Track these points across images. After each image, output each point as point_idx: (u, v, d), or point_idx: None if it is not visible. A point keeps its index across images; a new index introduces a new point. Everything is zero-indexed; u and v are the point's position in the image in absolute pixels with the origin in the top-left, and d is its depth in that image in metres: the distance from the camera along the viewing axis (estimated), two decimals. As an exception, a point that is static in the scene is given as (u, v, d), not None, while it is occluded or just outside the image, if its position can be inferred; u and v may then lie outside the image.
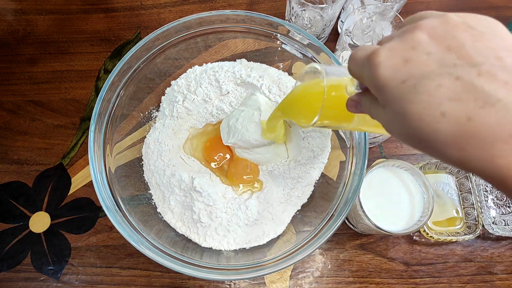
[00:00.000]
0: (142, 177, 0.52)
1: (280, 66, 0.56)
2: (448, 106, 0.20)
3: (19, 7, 0.67)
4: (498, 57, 0.20)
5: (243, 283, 0.51)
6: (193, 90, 0.52)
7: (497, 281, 0.51)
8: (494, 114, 0.19)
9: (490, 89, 0.19)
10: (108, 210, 0.42)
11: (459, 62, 0.21)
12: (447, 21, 0.22)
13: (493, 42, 0.21)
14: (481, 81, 0.20)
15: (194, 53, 0.55)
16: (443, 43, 0.21)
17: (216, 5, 0.66)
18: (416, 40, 0.22)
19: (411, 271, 0.51)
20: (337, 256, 0.52)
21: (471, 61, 0.20)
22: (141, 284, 0.51)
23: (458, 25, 0.22)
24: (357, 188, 0.43)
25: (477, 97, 0.19)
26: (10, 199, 0.55)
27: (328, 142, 0.51)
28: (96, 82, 0.62)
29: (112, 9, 0.66)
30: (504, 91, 0.19)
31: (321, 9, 0.53)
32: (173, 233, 0.49)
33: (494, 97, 0.19)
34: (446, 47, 0.21)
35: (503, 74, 0.20)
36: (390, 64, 0.22)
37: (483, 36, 0.21)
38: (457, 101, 0.20)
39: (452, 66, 0.21)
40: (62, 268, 0.52)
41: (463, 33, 0.21)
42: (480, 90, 0.19)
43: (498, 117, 0.19)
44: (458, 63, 0.21)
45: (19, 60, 0.63)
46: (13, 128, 0.59)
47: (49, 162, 0.57)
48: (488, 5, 0.66)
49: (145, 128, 0.54)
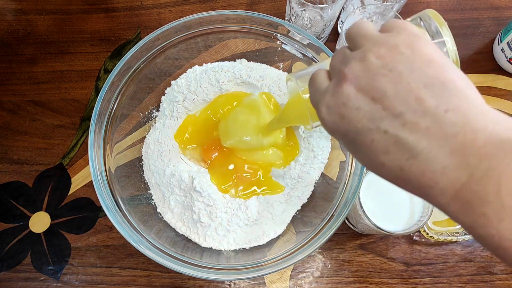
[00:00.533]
0: (142, 177, 0.52)
1: (280, 66, 0.56)
2: (383, 158, 0.22)
3: (19, 7, 0.67)
4: (418, 99, 0.21)
5: (243, 283, 0.51)
6: (193, 90, 0.52)
7: (497, 281, 0.51)
8: (417, 165, 0.21)
9: (413, 140, 0.21)
10: (108, 210, 0.42)
11: (385, 114, 0.22)
12: (368, 68, 0.23)
13: (412, 81, 0.21)
14: (405, 132, 0.21)
15: (194, 53, 0.55)
16: (368, 94, 0.22)
17: (216, 5, 0.66)
18: (345, 95, 0.23)
19: (411, 271, 0.51)
20: (337, 256, 0.52)
21: (394, 112, 0.22)
22: (141, 284, 0.51)
23: (378, 72, 0.22)
24: (357, 188, 0.43)
25: (403, 150, 0.21)
26: (10, 199, 0.55)
27: (328, 142, 0.51)
28: (96, 82, 0.62)
29: (112, 9, 0.66)
30: (426, 141, 0.21)
31: (321, 9, 0.53)
32: (173, 233, 0.49)
33: (416, 149, 0.21)
34: (371, 98, 0.22)
35: (424, 120, 0.21)
36: (330, 120, 0.24)
37: (402, 76, 0.22)
38: (389, 154, 0.22)
39: (379, 119, 0.22)
40: (62, 268, 0.52)
41: (384, 79, 0.22)
42: (405, 142, 0.21)
43: (421, 168, 0.21)
44: (383, 116, 0.22)
45: (19, 60, 0.63)
46: (13, 128, 0.59)
47: (49, 162, 0.57)
48: (488, 5, 0.66)
49: (145, 128, 0.54)
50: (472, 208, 0.20)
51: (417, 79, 0.21)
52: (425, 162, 0.21)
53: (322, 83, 0.26)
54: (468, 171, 0.20)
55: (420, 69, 0.22)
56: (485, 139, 0.20)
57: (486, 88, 0.60)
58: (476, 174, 0.20)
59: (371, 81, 0.22)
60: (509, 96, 0.60)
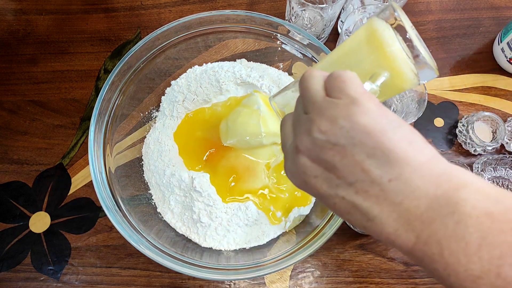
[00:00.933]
0: (142, 177, 0.52)
1: (280, 66, 0.56)
2: (348, 217, 0.25)
3: (19, 7, 0.67)
4: (364, 170, 0.23)
5: (243, 283, 0.51)
6: (193, 90, 0.52)
7: (497, 281, 0.51)
8: (375, 227, 0.24)
9: (367, 206, 0.23)
10: (108, 210, 0.42)
11: (339, 182, 0.24)
12: (315, 143, 0.24)
13: (355, 153, 0.23)
14: (359, 199, 0.24)
15: (194, 53, 0.55)
16: (321, 164, 0.24)
17: (216, 5, 0.66)
18: (302, 165, 0.25)
19: (410, 271, 0.51)
20: (337, 256, 0.52)
21: (347, 180, 0.24)
22: (141, 284, 0.51)
23: (324, 146, 0.24)
24: (357, 188, 0.43)
25: (362, 213, 0.24)
26: (10, 199, 0.55)
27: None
28: (96, 82, 0.62)
29: (112, 9, 0.66)
30: (377, 207, 0.23)
31: (321, 9, 0.53)
32: (173, 233, 0.49)
33: (371, 214, 0.23)
34: (325, 168, 0.24)
35: (373, 189, 0.23)
36: (297, 184, 0.27)
37: (345, 150, 0.23)
38: (351, 215, 0.24)
39: (335, 186, 0.24)
40: (62, 268, 0.52)
41: (330, 152, 0.24)
42: (361, 207, 0.24)
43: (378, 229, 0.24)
44: (339, 183, 0.24)
45: (19, 60, 0.63)
46: (13, 128, 0.59)
47: (49, 162, 0.57)
48: (488, 5, 0.66)
49: (145, 128, 0.54)
50: (424, 264, 0.23)
51: (360, 152, 0.23)
52: (380, 225, 0.23)
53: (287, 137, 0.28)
54: (415, 234, 0.22)
55: (360, 142, 0.23)
56: (427, 205, 0.22)
57: (486, 88, 0.60)
58: (422, 236, 0.22)
59: (320, 154, 0.24)
60: (509, 96, 0.60)
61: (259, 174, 0.50)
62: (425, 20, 0.65)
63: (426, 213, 0.22)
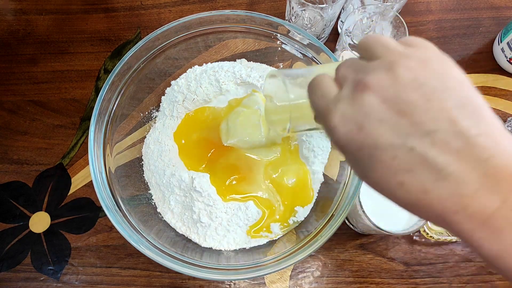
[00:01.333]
0: (142, 177, 0.52)
1: (280, 66, 0.56)
2: (404, 177, 0.20)
3: (19, 7, 0.67)
4: (451, 119, 0.20)
5: (243, 283, 0.51)
6: (193, 90, 0.52)
7: (497, 281, 0.51)
8: (445, 188, 0.19)
9: (442, 161, 0.20)
10: (108, 210, 0.42)
11: (412, 130, 0.20)
12: (396, 80, 0.21)
13: (446, 99, 0.20)
14: (434, 152, 0.20)
15: (194, 53, 0.55)
16: (394, 107, 0.21)
17: (216, 5, 0.66)
18: (367, 106, 0.21)
19: (411, 271, 0.51)
20: (337, 256, 0.52)
21: (424, 128, 0.20)
22: (141, 284, 0.51)
23: (408, 84, 0.21)
24: (357, 188, 0.43)
25: (431, 170, 0.20)
26: (10, 199, 0.55)
27: (328, 142, 0.51)
28: (96, 82, 0.62)
29: (112, 9, 0.66)
30: (457, 163, 0.19)
31: (321, 9, 0.53)
32: (173, 233, 0.49)
33: (445, 171, 0.19)
34: (397, 112, 0.21)
35: (456, 141, 0.20)
36: (344, 131, 0.22)
37: (435, 93, 0.20)
38: (413, 173, 0.20)
39: (405, 135, 0.20)
40: (62, 268, 0.52)
41: (414, 93, 0.20)
42: (433, 162, 0.20)
43: (449, 191, 0.19)
44: (411, 132, 0.20)
45: (19, 60, 0.63)
46: (13, 128, 0.59)
47: (49, 162, 0.57)
48: (488, 5, 0.66)
49: (145, 128, 0.54)
50: (503, 236, 0.19)
51: (450, 98, 0.20)
52: (455, 185, 0.19)
53: (329, 89, 0.24)
54: (501, 196, 0.19)
55: (454, 89, 0.21)
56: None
57: (486, 88, 0.60)
58: (510, 199, 0.19)
59: (399, 93, 0.21)
60: (509, 96, 0.60)
61: (260, 174, 0.50)
62: (425, 20, 0.65)
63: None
